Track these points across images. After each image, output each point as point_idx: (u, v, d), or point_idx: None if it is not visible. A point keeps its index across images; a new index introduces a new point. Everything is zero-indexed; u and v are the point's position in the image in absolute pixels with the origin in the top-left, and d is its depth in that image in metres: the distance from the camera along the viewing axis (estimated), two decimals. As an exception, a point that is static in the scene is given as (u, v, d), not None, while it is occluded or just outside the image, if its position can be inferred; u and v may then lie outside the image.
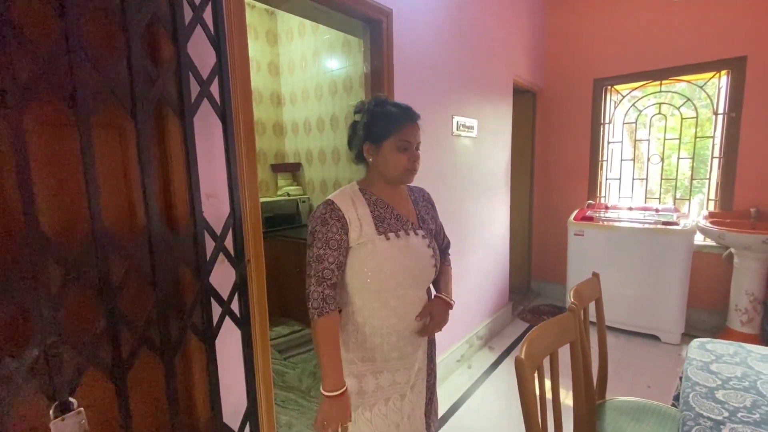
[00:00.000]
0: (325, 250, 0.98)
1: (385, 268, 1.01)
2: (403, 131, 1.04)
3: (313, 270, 0.98)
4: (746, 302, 2.59)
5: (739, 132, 2.74)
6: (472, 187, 2.50)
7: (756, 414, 0.90)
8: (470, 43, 2.35)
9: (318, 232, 0.99)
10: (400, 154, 1.04)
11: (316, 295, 0.97)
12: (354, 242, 1.01)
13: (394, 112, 1.05)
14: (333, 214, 1.00)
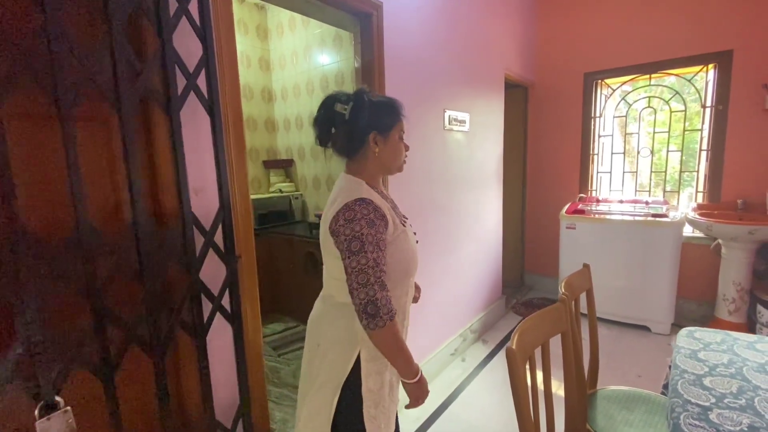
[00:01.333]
0: (378, 253, 0.91)
1: (411, 256, 1.04)
2: (401, 122, 1.05)
3: (372, 277, 0.89)
4: (733, 292, 2.63)
5: (726, 125, 2.77)
6: (464, 181, 2.51)
7: (742, 399, 0.92)
8: (462, 36, 2.34)
9: (367, 235, 0.90)
10: (401, 144, 1.05)
11: (384, 300, 0.89)
12: (391, 235, 0.98)
13: (391, 103, 1.05)
14: (377, 213, 0.94)
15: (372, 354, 1.01)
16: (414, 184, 2.04)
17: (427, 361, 2.23)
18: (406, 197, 1.98)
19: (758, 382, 0.99)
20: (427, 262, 2.21)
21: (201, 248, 1.01)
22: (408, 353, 0.96)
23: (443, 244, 2.34)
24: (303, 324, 2.97)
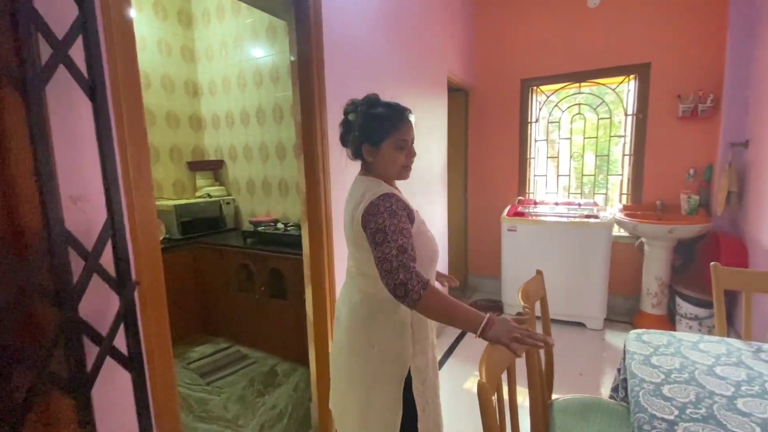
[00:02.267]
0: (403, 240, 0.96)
1: (433, 246, 1.14)
2: (401, 130, 1.08)
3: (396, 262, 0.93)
4: (656, 287, 2.84)
5: (645, 132, 3.00)
6: (409, 185, 2.40)
7: (702, 409, 0.89)
8: (405, 35, 2.25)
9: (390, 225, 0.97)
10: (397, 152, 1.09)
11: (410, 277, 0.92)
12: (416, 228, 1.06)
13: (388, 115, 1.09)
14: (399, 204, 1.01)
15: (417, 336, 1.10)
16: (359, 187, 1.88)
17: (376, 378, 2.08)
18: (351, 202, 1.82)
19: (712, 387, 0.98)
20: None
21: (81, 275, 0.76)
22: (460, 310, 0.95)
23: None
24: (238, 344, 2.67)
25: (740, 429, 0.82)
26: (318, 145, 1.60)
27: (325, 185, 1.63)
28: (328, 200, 1.65)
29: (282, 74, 2.69)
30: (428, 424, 1.13)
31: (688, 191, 2.86)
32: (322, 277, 1.68)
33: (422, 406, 1.11)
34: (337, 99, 1.69)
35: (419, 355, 1.11)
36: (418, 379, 1.11)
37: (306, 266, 1.74)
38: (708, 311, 2.57)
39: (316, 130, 1.59)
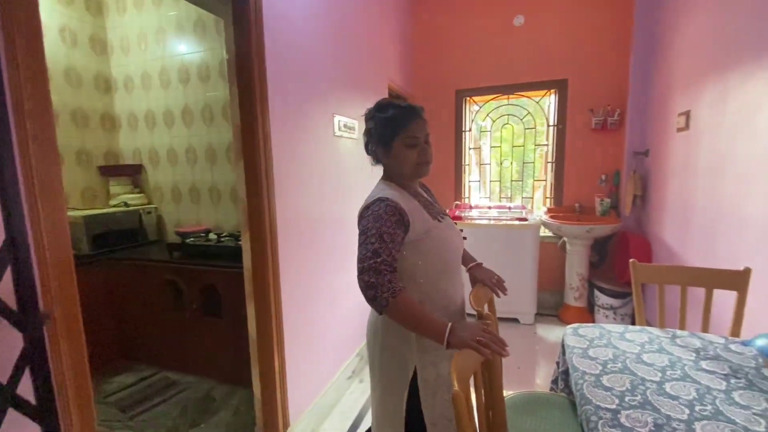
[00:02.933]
0: (379, 244, 0.98)
1: (453, 246, 1.14)
2: (410, 128, 1.09)
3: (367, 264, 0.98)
4: (577, 281, 3.13)
5: (564, 141, 3.31)
6: (355, 191, 2.37)
7: (638, 396, 0.98)
8: (348, 41, 2.22)
9: (371, 229, 1.00)
10: (408, 150, 1.10)
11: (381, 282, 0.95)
12: (422, 232, 1.07)
13: (395, 115, 1.10)
14: (388, 209, 1.02)
15: (423, 345, 1.08)
16: (305, 195, 1.80)
17: (324, 393, 2.00)
18: (298, 210, 1.74)
19: (642, 374, 1.08)
20: (326, 281, 2.00)
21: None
22: (425, 320, 0.95)
23: (340, 260, 2.15)
24: (165, 370, 2.39)
25: (672, 411, 0.91)
26: (260, 149, 1.49)
27: (269, 192, 1.52)
28: (273, 209, 1.54)
29: (213, 73, 2.50)
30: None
31: (601, 195, 3.21)
32: (266, 293, 1.57)
33: (432, 421, 1.09)
34: (280, 101, 1.60)
35: (428, 366, 1.09)
36: (426, 391, 1.09)
37: (248, 281, 1.61)
38: (620, 301, 2.90)
39: (257, 132, 1.49)
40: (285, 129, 1.64)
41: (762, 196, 1.55)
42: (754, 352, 1.16)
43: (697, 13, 2.15)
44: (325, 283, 2.01)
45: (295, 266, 1.73)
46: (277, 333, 1.61)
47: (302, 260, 1.79)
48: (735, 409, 0.91)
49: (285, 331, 1.64)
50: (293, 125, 1.70)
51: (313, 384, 1.91)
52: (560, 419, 1.26)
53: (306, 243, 1.82)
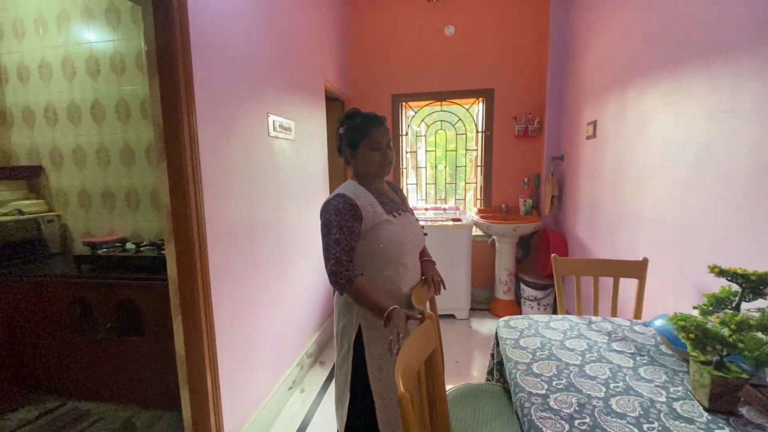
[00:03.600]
0: (340, 235, 1.19)
1: (403, 240, 1.29)
2: (372, 134, 1.30)
3: (330, 253, 1.19)
4: (506, 276, 3.36)
5: (492, 146, 3.54)
6: (292, 194, 2.30)
7: (563, 379, 1.07)
8: (281, 38, 2.14)
9: (332, 221, 1.21)
10: (372, 152, 1.30)
11: (340, 270, 1.18)
12: (371, 223, 1.24)
13: (361, 122, 1.31)
14: (346, 204, 1.21)
15: (370, 323, 1.27)
16: (238, 198, 1.70)
17: (264, 407, 1.90)
18: (230, 215, 1.63)
19: (566, 359, 1.18)
20: (263, 289, 1.90)
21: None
22: (373, 303, 1.17)
23: (276, 266, 2.06)
24: (74, 400, 2.10)
25: (591, 391, 1.01)
26: (186, 150, 1.38)
27: (196, 196, 1.41)
28: (201, 214, 1.43)
29: (129, 64, 2.26)
30: (389, 416, 1.22)
31: (524, 196, 3.48)
32: (195, 305, 1.45)
33: (381, 395, 1.23)
34: (208, 97, 1.49)
35: (374, 341, 1.26)
36: (373, 365, 1.24)
37: (173, 293, 1.47)
38: (543, 293, 3.16)
39: (182, 131, 1.37)
40: (214, 128, 1.53)
41: (654, 195, 1.80)
42: (654, 331, 1.34)
43: (601, 35, 2.44)
44: (262, 291, 1.92)
45: (228, 274, 1.63)
46: (209, 348, 1.50)
47: (236, 268, 1.69)
48: (642, 384, 1.03)
49: (218, 345, 1.53)
50: (223, 124, 1.59)
51: (250, 399, 1.80)
52: (497, 407, 1.33)
53: (240, 249, 1.72)
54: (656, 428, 0.86)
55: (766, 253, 1.17)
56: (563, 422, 0.89)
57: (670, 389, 1.01)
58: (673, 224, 1.64)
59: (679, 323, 0.95)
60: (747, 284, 0.95)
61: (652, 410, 0.92)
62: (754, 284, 0.94)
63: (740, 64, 1.27)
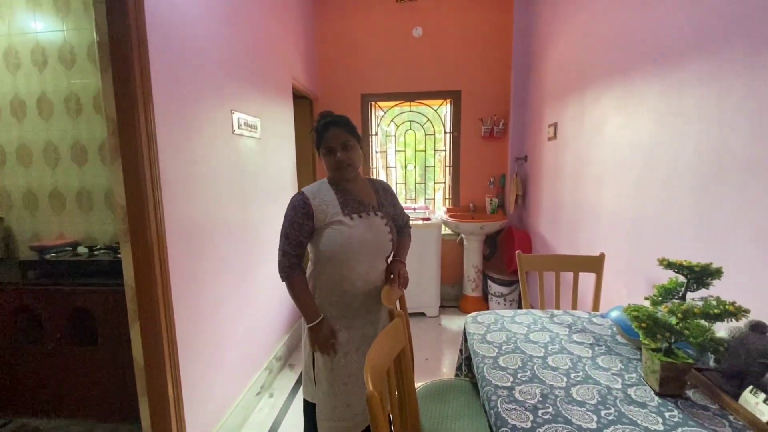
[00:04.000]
0: (289, 230, 1.26)
1: (353, 241, 1.27)
2: (326, 138, 1.29)
3: (280, 245, 1.28)
4: (473, 274, 3.44)
5: (459, 147, 3.61)
6: (259, 194, 2.24)
7: (528, 372, 1.11)
8: (247, 33, 2.08)
9: (287, 216, 1.28)
10: (327, 157, 1.30)
11: (283, 263, 1.27)
12: (322, 222, 1.27)
13: (318, 127, 1.32)
14: (301, 202, 1.27)
15: (342, 311, 1.33)
16: (201, 199, 1.63)
17: (230, 414, 1.84)
18: (192, 216, 1.57)
19: (530, 351, 1.23)
20: (229, 292, 1.84)
21: None
22: (303, 306, 1.27)
23: (242, 268, 2.00)
24: (22, 416, 1.95)
25: (554, 381, 1.05)
26: (143, 147, 1.31)
27: (155, 196, 1.34)
28: (160, 214, 1.37)
29: (80, 56, 2.12)
30: (336, 402, 1.29)
31: (490, 195, 3.58)
32: (154, 311, 1.38)
33: (343, 380, 1.30)
34: (167, 93, 1.43)
35: (342, 329, 1.32)
36: (339, 351, 1.30)
37: (130, 299, 1.40)
38: (509, 288, 3.26)
39: (139, 128, 1.30)
40: (174, 124, 1.46)
41: (609, 194, 1.90)
42: (610, 322, 1.41)
43: (561, 41, 2.54)
44: (227, 294, 1.86)
45: (190, 278, 1.56)
46: (170, 355, 1.43)
47: (199, 270, 1.62)
48: (599, 372, 1.09)
49: (180, 351, 1.47)
50: (184, 120, 1.53)
51: (216, 406, 1.74)
52: (465, 401, 1.36)
53: (203, 251, 1.65)
54: (612, 414, 0.91)
55: (707, 246, 1.26)
56: (527, 413, 0.92)
57: (625, 376, 1.07)
58: (627, 221, 1.74)
59: (632, 314, 1.01)
60: (691, 275, 1.03)
61: (609, 397, 0.97)
62: (698, 275, 1.02)
63: (684, 71, 1.37)
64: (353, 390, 1.32)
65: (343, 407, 1.31)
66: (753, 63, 1.10)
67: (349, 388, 1.31)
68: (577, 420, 0.89)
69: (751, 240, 1.11)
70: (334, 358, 1.30)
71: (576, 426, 0.87)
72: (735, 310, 0.91)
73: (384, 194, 1.45)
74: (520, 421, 0.89)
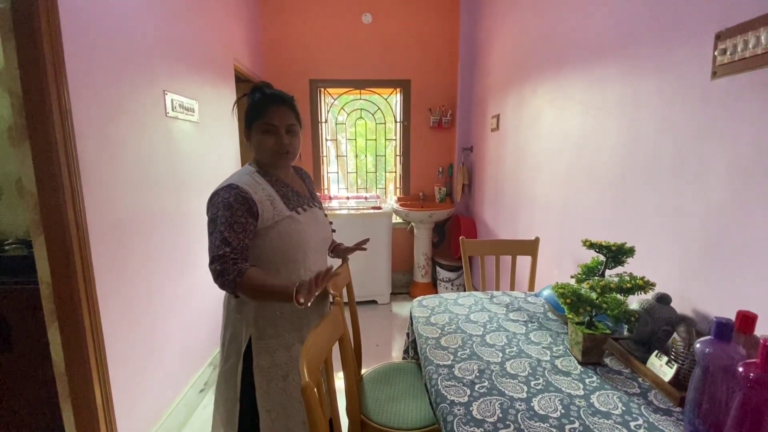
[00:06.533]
0: (229, 233, 1.00)
1: (303, 239, 1.12)
2: (267, 114, 1.09)
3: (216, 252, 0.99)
4: (423, 261, 3.53)
5: (410, 137, 3.66)
6: (197, 182, 2.11)
7: (467, 350, 1.16)
8: (179, 7, 1.93)
9: (221, 217, 1.01)
10: (265, 136, 1.10)
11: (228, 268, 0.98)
12: (269, 221, 1.07)
13: (257, 99, 1.10)
14: (238, 198, 1.02)
15: (259, 333, 1.12)
16: (128, 187, 1.50)
17: (171, 413, 1.75)
18: (118, 205, 1.44)
19: (470, 331, 1.29)
20: (164, 285, 1.72)
21: None
22: (271, 291, 0.98)
23: (178, 261, 1.89)
24: None
25: (490, 357, 1.11)
26: (56, 128, 1.17)
27: (72, 183, 1.22)
28: (80, 203, 1.24)
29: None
30: (272, 430, 1.11)
31: (439, 184, 3.67)
32: (75, 310, 1.26)
33: (267, 407, 1.11)
34: (84, 68, 1.29)
35: (262, 353, 1.11)
36: (261, 377, 1.11)
37: (46, 298, 1.26)
38: (456, 274, 3.39)
39: (50, 107, 1.16)
40: (94, 103, 1.33)
41: (543, 182, 2.02)
42: (543, 301, 1.52)
43: (502, 35, 2.64)
44: (163, 289, 1.74)
45: (118, 273, 1.44)
46: (97, 357, 1.32)
47: (129, 265, 1.50)
48: (531, 347, 1.17)
49: (108, 353, 1.36)
50: (106, 99, 1.39)
51: (154, 408, 1.64)
52: (411, 382, 1.40)
53: (133, 244, 1.53)
54: (541, 383, 0.98)
55: (623, 228, 1.39)
56: (465, 388, 0.97)
57: (553, 349, 1.15)
58: (557, 206, 1.87)
59: (559, 291, 1.09)
60: (609, 254, 1.13)
61: (538, 368, 1.05)
62: (614, 254, 1.12)
63: (607, 67, 1.48)
64: (293, 413, 1.15)
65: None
66: (662, 65, 1.21)
67: (289, 412, 1.14)
68: (510, 391, 0.95)
69: (657, 222, 1.24)
70: (271, 383, 1.13)
71: (508, 397, 0.93)
72: (644, 284, 1.01)
73: (310, 183, 1.34)
74: (458, 396, 0.94)
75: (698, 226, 1.09)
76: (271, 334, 1.12)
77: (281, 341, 1.13)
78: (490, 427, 0.82)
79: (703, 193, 1.07)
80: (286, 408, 1.13)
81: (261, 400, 1.11)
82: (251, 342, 1.12)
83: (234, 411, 1.13)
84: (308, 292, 0.91)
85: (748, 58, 0.91)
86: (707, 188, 1.06)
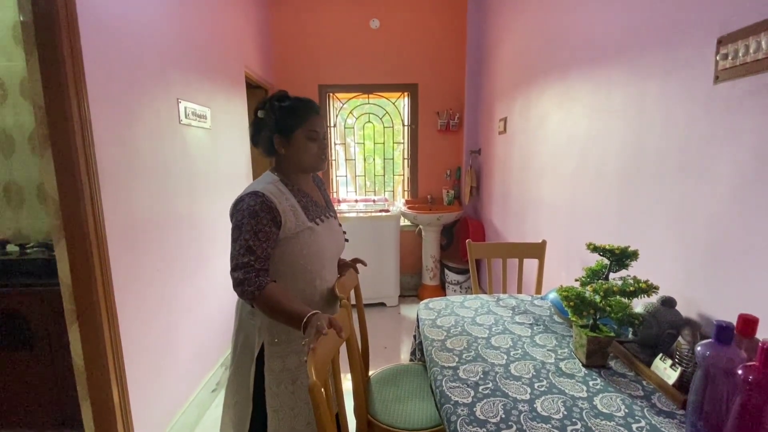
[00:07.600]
0: (254, 241, 1.02)
1: (321, 250, 1.15)
2: (309, 122, 1.13)
3: (240, 261, 1.01)
4: (431, 263, 3.54)
5: (417, 140, 3.68)
6: (210, 187, 2.17)
7: (472, 352, 1.18)
8: (193, 18, 1.99)
9: (246, 225, 1.02)
10: (309, 142, 1.14)
11: (250, 280, 0.99)
12: (291, 231, 1.09)
13: (296, 106, 1.14)
14: (263, 206, 1.04)
15: (272, 338, 1.14)
16: (144, 192, 1.56)
17: (183, 412, 1.79)
18: (134, 210, 1.49)
19: (476, 333, 1.30)
20: (178, 287, 1.78)
21: None
22: (289, 313, 0.98)
23: (193, 264, 1.94)
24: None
25: (495, 360, 1.12)
26: (77, 137, 1.23)
27: (91, 188, 1.27)
28: (99, 208, 1.30)
29: (5, 38, 1.92)
30: (278, 429, 1.13)
31: (447, 187, 3.69)
32: (95, 310, 1.31)
33: (274, 408, 1.13)
34: (103, 79, 1.34)
35: (274, 357, 1.13)
36: (271, 379, 1.13)
37: (67, 299, 1.32)
38: (464, 276, 3.40)
39: (71, 116, 1.22)
40: (112, 112, 1.38)
41: (550, 184, 2.03)
42: (549, 303, 1.52)
43: (509, 39, 2.65)
44: (177, 291, 1.80)
45: (135, 275, 1.50)
46: (114, 356, 1.37)
47: (145, 267, 1.56)
48: (536, 349, 1.18)
49: (125, 352, 1.41)
50: (123, 109, 1.45)
51: (168, 406, 1.69)
52: (417, 384, 1.42)
53: (149, 247, 1.59)
54: (545, 385, 0.99)
55: (628, 231, 1.39)
56: (469, 389, 0.99)
57: (558, 352, 1.16)
58: (564, 209, 1.87)
59: (563, 294, 1.10)
60: (613, 257, 1.14)
61: (542, 371, 1.06)
62: (618, 257, 1.13)
63: (612, 70, 1.49)
64: (299, 414, 1.17)
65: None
66: (666, 69, 1.22)
67: (296, 413, 1.16)
68: (513, 393, 0.96)
69: (662, 225, 1.24)
70: (280, 385, 1.14)
71: (512, 398, 0.94)
72: (647, 287, 1.02)
73: (325, 191, 1.36)
74: (462, 397, 0.96)
75: (703, 229, 1.09)
76: (283, 339, 1.14)
77: (293, 347, 1.15)
78: (493, 427, 0.84)
79: (707, 197, 1.07)
80: (293, 409, 1.16)
81: (270, 400, 1.14)
82: (263, 347, 1.15)
83: (246, 413, 1.15)
84: (317, 331, 0.88)
85: (749, 63, 0.91)
86: (711, 192, 1.06)
